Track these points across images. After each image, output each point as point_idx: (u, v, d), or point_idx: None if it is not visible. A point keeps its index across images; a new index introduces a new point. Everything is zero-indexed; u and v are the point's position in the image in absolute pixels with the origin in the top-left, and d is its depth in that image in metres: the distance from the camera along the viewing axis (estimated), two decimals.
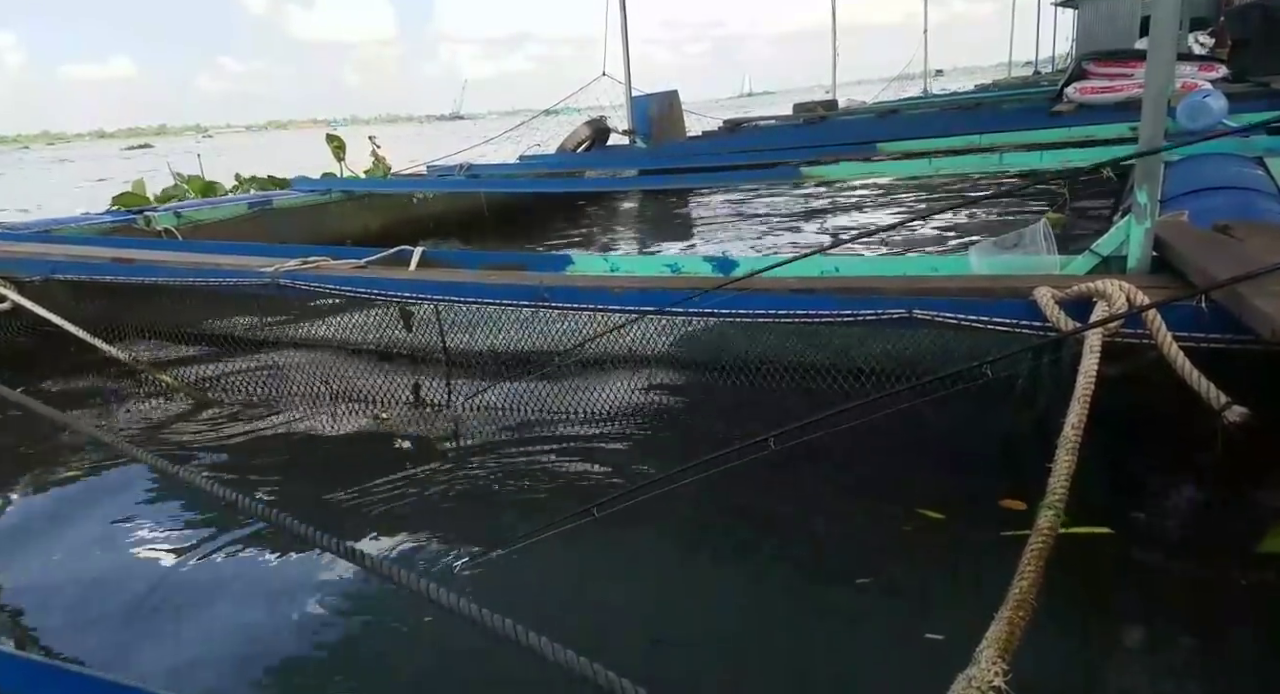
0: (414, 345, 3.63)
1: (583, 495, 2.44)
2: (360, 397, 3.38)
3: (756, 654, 1.79)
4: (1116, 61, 7.40)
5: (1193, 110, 4.82)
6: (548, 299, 2.83)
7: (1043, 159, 5.41)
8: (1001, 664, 1.07)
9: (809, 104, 14.69)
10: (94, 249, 4.29)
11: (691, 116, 11.97)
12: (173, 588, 2.20)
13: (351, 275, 3.27)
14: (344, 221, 6.82)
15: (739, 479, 1.86)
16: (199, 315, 3.91)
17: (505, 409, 3.13)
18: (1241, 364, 1.91)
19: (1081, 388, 1.73)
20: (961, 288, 2.35)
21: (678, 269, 3.09)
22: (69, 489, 2.81)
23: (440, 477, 2.71)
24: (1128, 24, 15.02)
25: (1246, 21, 8.66)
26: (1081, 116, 6.67)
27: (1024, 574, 1.26)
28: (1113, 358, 1.91)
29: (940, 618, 1.77)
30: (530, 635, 1.13)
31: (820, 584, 2.04)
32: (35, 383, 3.78)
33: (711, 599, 2.01)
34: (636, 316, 2.64)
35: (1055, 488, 1.45)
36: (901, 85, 22.33)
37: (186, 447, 3.08)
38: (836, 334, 2.57)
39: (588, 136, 9.86)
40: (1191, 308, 2.02)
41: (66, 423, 2.13)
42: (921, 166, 5.99)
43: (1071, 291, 2.10)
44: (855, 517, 2.29)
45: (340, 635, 1.94)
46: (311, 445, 3.06)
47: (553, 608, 1.99)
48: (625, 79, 10.61)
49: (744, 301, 2.57)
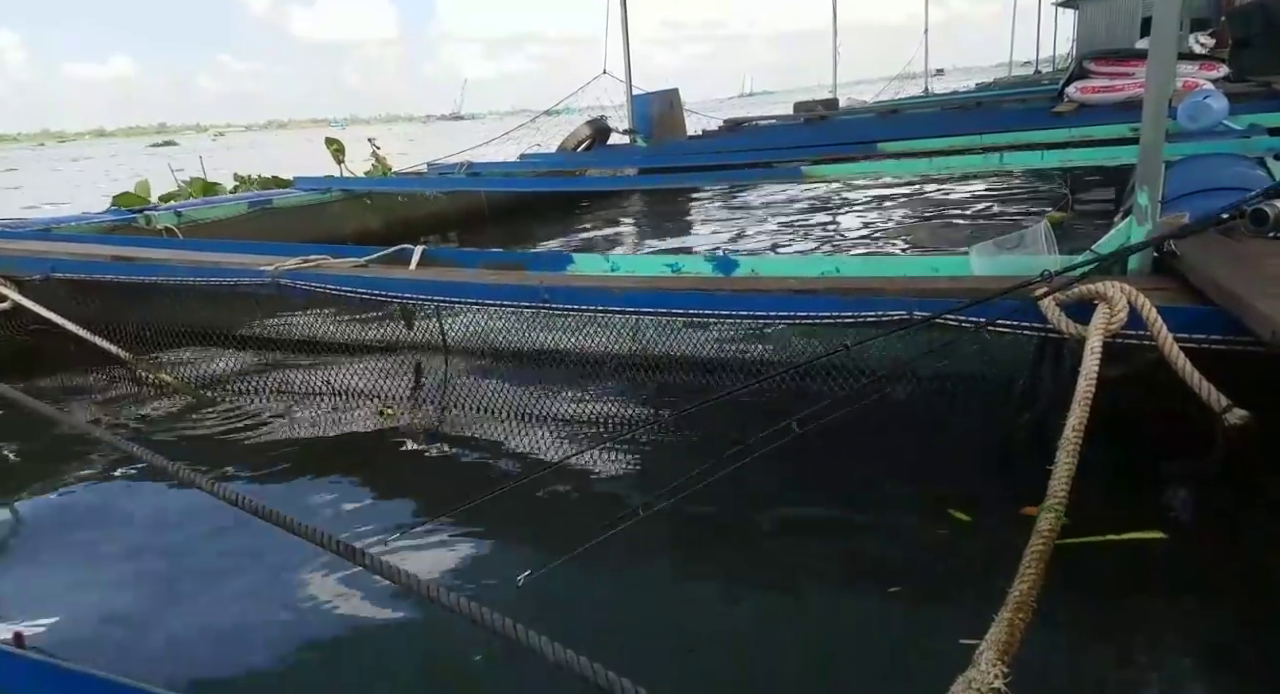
0: (414, 342, 3.63)
1: (608, 500, 2.45)
2: (361, 393, 3.38)
3: (791, 651, 1.79)
4: (1117, 61, 7.38)
5: (1194, 110, 4.81)
6: (548, 299, 2.83)
7: (1043, 159, 5.41)
8: (1001, 666, 1.07)
9: (809, 103, 14.65)
10: (94, 247, 4.29)
11: (692, 116, 11.96)
12: (172, 587, 2.20)
13: (352, 274, 3.27)
14: (344, 220, 6.82)
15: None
16: (199, 314, 3.91)
17: (505, 404, 3.14)
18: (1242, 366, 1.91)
19: (1082, 390, 1.73)
20: (962, 289, 2.35)
21: (678, 269, 3.09)
22: (68, 489, 2.81)
23: (442, 475, 2.71)
24: (1128, 24, 15.03)
25: (1247, 21, 8.66)
26: (1082, 116, 6.66)
27: (1024, 576, 1.26)
28: (1114, 360, 1.91)
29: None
30: (530, 635, 1.13)
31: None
32: (34, 380, 3.78)
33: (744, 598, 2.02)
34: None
35: (1055, 490, 1.45)
36: (902, 84, 22.31)
37: (185, 444, 3.08)
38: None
39: (588, 136, 9.85)
40: (1192, 310, 2.01)
41: (65, 420, 2.13)
42: (922, 166, 5.99)
43: (1072, 293, 2.09)
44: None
45: (338, 633, 1.94)
46: (311, 443, 3.06)
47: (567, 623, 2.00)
48: (626, 78, 10.60)
49: (744, 302, 2.57)
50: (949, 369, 2.63)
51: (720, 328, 2.92)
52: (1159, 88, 2.28)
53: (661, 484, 2.49)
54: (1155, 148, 2.33)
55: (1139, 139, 2.38)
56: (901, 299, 2.34)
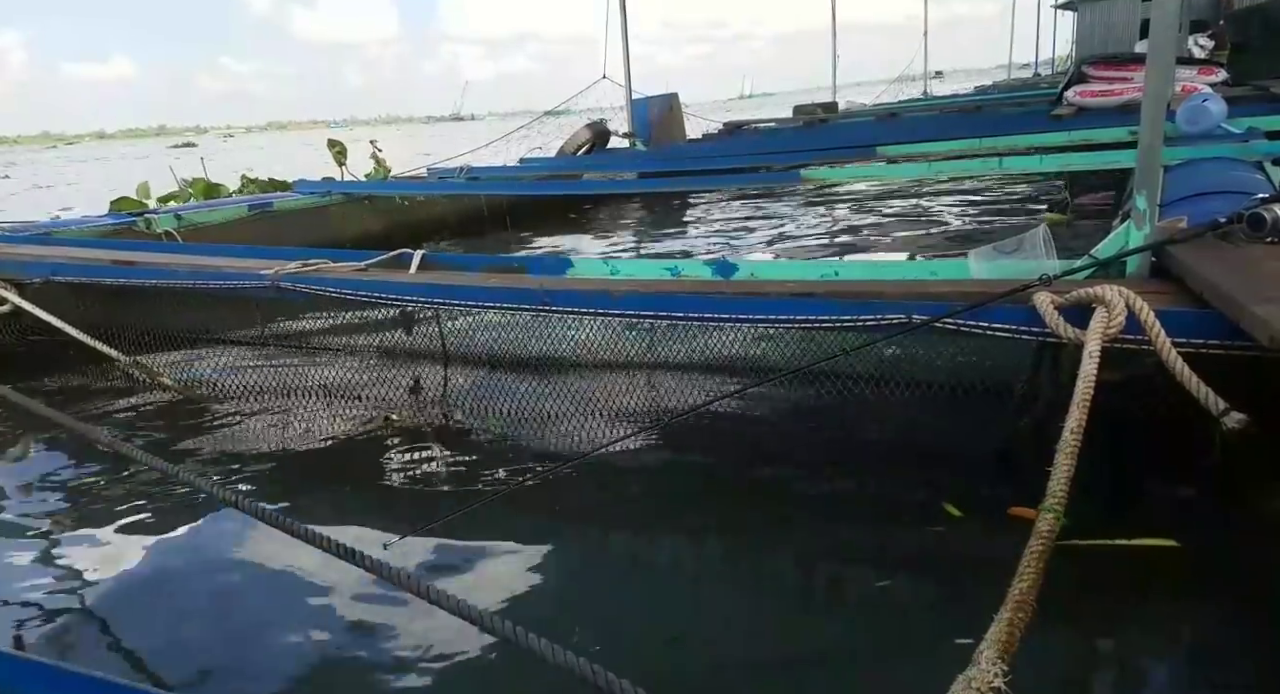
0: (414, 347, 3.64)
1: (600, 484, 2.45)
2: (360, 397, 3.39)
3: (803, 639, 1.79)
4: (1116, 65, 7.40)
5: (1192, 114, 4.83)
6: (548, 303, 2.83)
7: (1043, 163, 5.41)
8: (1001, 665, 1.08)
9: (809, 106, 14.68)
10: (94, 251, 4.29)
11: (691, 119, 11.98)
12: (170, 585, 2.20)
13: (352, 278, 3.28)
14: (345, 224, 6.83)
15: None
16: (199, 318, 3.91)
17: (506, 409, 3.14)
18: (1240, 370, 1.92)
19: (1081, 393, 1.74)
20: (961, 292, 2.36)
21: (678, 273, 3.09)
22: (67, 490, 2.82)
23: (442, 477, 2.72)
24: (1127, 27, 15.04)
25: (1246, 25, 8.68)
26: (1081, 120, 6.67)
27: (1023, 576, 1.27)
28: (1112, 363, 1.91)
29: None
30: (530, 636, 1.14)
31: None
32: (35, 384, 3.78)
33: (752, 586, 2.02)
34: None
35: (1054, 491, 1.46)
36: (901, 87, 22.36)
37: (182, 447, 3.08)
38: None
39: (588, 139, 9.87)
40: (1190, 314, 2.02)
41: (65, 424, 2.13)
42: (921, 170, 5.99)
43: (1071, 297, 2.10)
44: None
45: (335, 636, 1.94)
46: (311, 445, 3.06)
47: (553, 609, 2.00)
48: (625, 81, 10.62)
49: (744, 305, 2.57)
50: (948, 372, 2.63)
51: (721, 331, 2.93)
52: (1157, 91, 2.29)
53: (662, 483, 2.50)
54: (1154, 151, 2.34)
55: (1138, 143, 2.38)
56: (901, 303, 2.34)
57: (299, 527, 1.44)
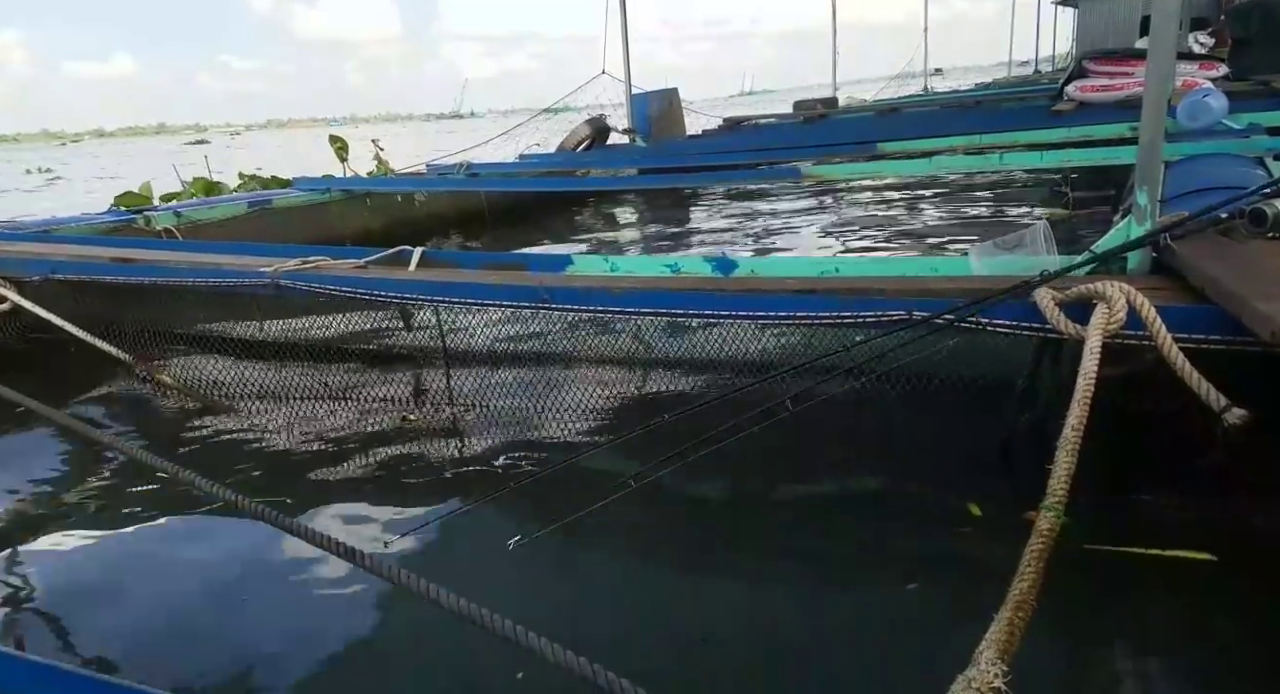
0: (413, 344, 3.63)
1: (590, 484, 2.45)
2: (361, 395, 3.38)
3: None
4: (1116, 60, 7.39)
5: (1193, 109, 4.82)
6: (548, 300, 2.83)
7: (1043, 159, 5.41)
8: (1001, 665, 1.07)
9: (809, 102, 14.67)
10: (94, 249, 4.29)
11: (691, 115, 11.96)
12: (170, 584, 2.20)
13: (351, 275, 3.27)
14: (344, 221, 6.83)
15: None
16: (198, 315, 3.91)
17: (507, 406, 3.14)
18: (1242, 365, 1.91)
19: (1081, 389, 1.73)
20: (961, 289, 2.35)
21: (677, 269, 3.09)
22: (65, 489, 2.82)
23: (441, 476, 2.71)
24: (1127, 23, 15.02)
25: (1247, 21, 8.65)
26: (1081, 116, 6.66)
27: (1024, 576, 1.27)
28: (1113, 359, 1.91)
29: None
30: (531, 636, 1.13)
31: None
32: (34, 382, 3.78)
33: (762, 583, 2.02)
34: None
35: (1055, 489, 1.45)
36: (901, 84, 22.32)
37: (184, 446, 3.08)
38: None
39: (587, 135, 9.85)
40: (1191, 309, 2.01)
41: (64, 423, 2.13)
42: (922, 166, 5.99)
43: (1071, 293, 2.09)
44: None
45: (336, 635, 1.94)
46: (310, 445, 3.06)
47: (557, 607, 2.00)
48: (625, 77, 10.60)
49: (744, 302, 2.57)
50: (948, 368, 2.63)
51: (720, 328, 2.92)
52: (1158, 87, 2.28)
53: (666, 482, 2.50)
54: (1154, 147, 2.33)
55: (1138, 138, 2.37)
56: (901, 299, 2.34)
57: (299, 525, 1.43)
